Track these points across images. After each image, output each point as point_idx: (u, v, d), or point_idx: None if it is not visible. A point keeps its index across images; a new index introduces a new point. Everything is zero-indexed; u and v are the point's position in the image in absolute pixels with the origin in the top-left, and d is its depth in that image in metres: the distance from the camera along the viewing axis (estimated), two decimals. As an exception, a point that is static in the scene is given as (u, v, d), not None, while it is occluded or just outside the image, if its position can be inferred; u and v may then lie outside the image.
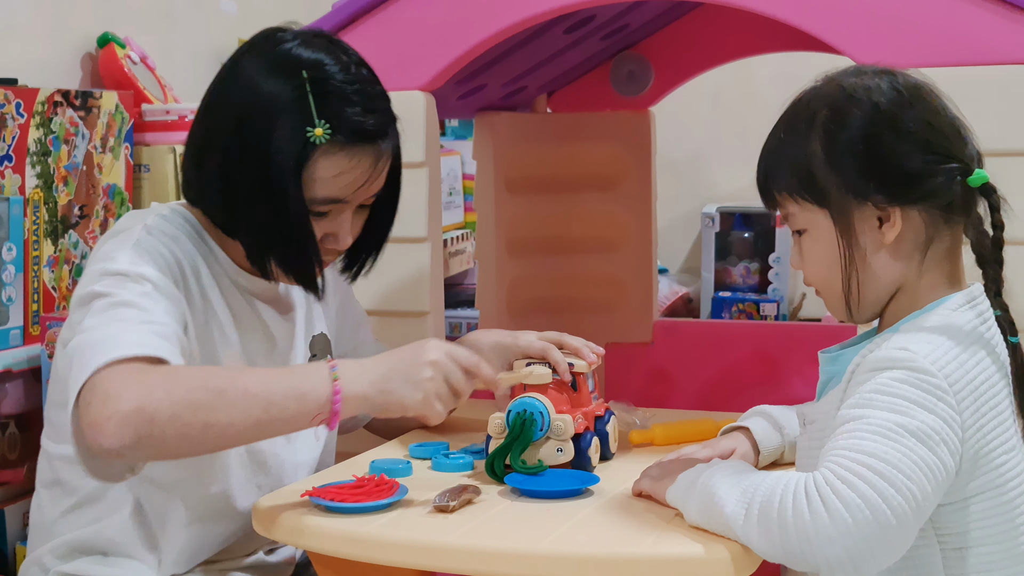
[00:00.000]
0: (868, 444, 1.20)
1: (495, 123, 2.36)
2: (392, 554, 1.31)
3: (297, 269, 1.56)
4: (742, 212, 3.51)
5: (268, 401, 1.35)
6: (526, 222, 2.42)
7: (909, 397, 1.23)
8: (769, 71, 3.34)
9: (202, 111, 1.58)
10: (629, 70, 2.51)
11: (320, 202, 1.52)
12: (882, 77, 1.33)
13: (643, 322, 2.50)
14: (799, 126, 1.35)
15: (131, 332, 1.37)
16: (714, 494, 1.27)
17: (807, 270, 1.39)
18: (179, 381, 1.34)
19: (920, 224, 1.32)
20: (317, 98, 1.49)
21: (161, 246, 1.51)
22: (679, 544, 1.25)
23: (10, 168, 1.94)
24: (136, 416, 1.29)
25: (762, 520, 1.21)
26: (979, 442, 1.26)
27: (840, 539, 1.17)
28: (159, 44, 2.57)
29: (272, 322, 1.65)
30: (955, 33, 1.67)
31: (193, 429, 1.32)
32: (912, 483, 1.18)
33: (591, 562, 1.24)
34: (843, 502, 1.17)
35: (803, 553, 1.19)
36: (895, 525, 1.17)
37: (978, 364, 1.28)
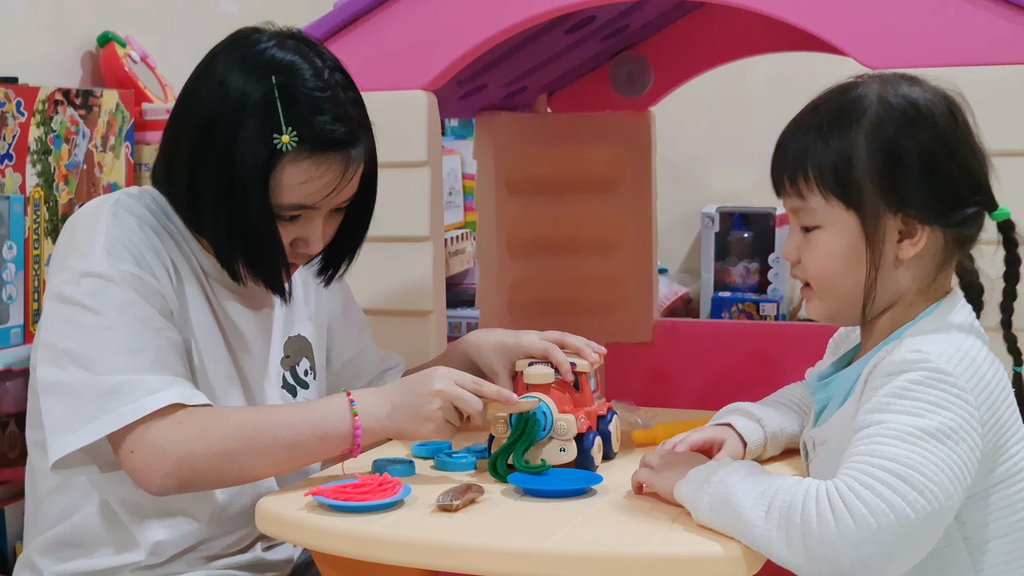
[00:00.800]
0: (889, 449, 1.21)
1: (496, 123, 2.36)
2: (396, 553, 1.31)
3: (263, 273, 1.55)
4: (741, 212, 3.52)
5: (295, 444, 1.46)
6: (527, 222, 2.42)
7: (926, 398, 1.23)
8: (765, 73, 3.35)
9: (175, 109, 1.57)
10: (629, 71, 2.51)
11: (288, 208, 1.52)
12: (937, 94, 1.32)
13: (643, 322, 2.50)
14: (846, 121, 1.32)
15: (142, 378, 1.43)
16: (730, 494, 1.26)
17: (812, 265, 1.36)
18: (213, 431, 1.44)
19: (940, 246, 1.32)
20: (285, 104, 1.48)
21: (130, 232, 1.52)
22: (684, 543, 1.26)
23: (11, 167, 1.94)
24: (178, 469, 1.43)
25: (783, 525, 1.21)
26: (996, 434, 1.27)
27: (865, 544, 1.18)
28: (160, 43, 2.56)
29: (242, 318, 1.63)
30: (956, 33, 1.67)
31: (228, 475, 1.47)
32: (934, 485, 1.19)
33: (595, 561, 1.24)
34: (868, 507, 1.18)
35: (827, 559, 1.19)
36: (919, 528, 1.18)
37: (986, 358, 1.28)
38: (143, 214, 1.55)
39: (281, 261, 1.55)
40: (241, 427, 1.45)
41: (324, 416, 1.47)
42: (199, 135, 1.51)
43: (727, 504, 1.26)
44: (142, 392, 1.42)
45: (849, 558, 1.18)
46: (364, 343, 1.84)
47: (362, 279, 1.93)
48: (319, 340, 1.77)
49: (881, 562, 1.19)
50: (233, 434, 1.44)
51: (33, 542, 1.60)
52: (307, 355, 1.74)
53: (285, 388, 1.69)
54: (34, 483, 1.60)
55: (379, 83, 1.92)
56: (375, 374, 1.83)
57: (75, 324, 1.45)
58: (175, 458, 1.42)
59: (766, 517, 1.23)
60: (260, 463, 1.46)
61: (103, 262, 1.47)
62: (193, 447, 1.42)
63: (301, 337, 1.73)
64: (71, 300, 1.46)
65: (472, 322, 3.03)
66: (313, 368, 1.74)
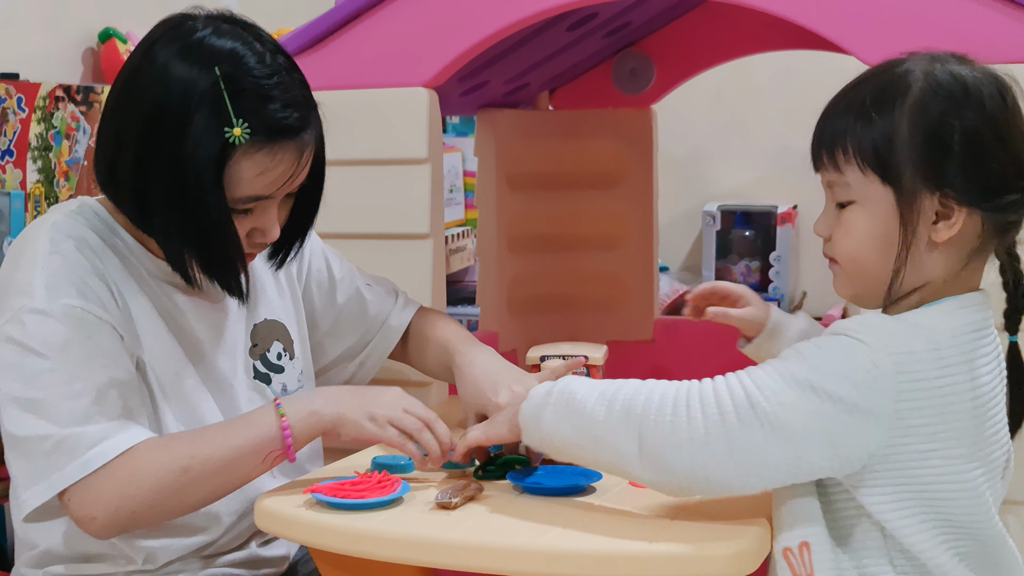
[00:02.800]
0: (763, 378, 1.23)
1: (497, 120, 2.36)
2: (394, 550, 1.31)
3: (220, 272, 1.51)
4: (743, 210, 3.51)
5: (230, 462, 1.46)
6: (527, 219, 2.41)
7: (842, 366, 1.22)
8: (770, 69, 3.34)
9: (112, 106, 1.50)
10: (631, 67, 2.51)
11: (244, 200, 1.47)
12: (986, 73, 1.28)
13: (644, 320, 2.50)
14: (891, 95, 1.28)
15: (86, 428, 1.42)
16: (572, 396, 1.29)
17: (841, 242, 1.32)
18: (143, 472, 1.43)
19: (977, 231, 1.27)
20: (233, 96, 1.42)
21: (69, 260, 1.47)
22: (682, 541, 1.25)
23: (11, 163, 1.94)
24: (114, 516, 1.43)
25: (624, 418, 1.25)
26: (912, 438, 1.22)
27: (690, 445, 1.22)
28: (161, 39, 2.56)
29: (197, 316, 1.60)
30: (960, 32, 1.66)
31: (170, 506, 1.46)
32: (779, 422, 1.20)
33: (593, 559, 1.24)
34: (704, 412, 1.21)
35: (657, 456, 1.23)
36: (746, 451, 1.20)
37: (945, 368, 1.24)
38: (81, 234, 1.51)
39: (239, 258, 1.51)
40: (174, 455, 1.44)
41: (253, 425, 1.47)
42: (143, 133, 1.45)
43: (569, 406, 1.29)
44: (84, 446, 1.42)
45: (677, 456, 1.22)
46: (348, 291, 1.81)
47: (363, 276, 1.93)
48: (296, 313, 1.74)
49: (708, 471, 1.22)
50: (166, 465, 1.43)
51: (23, 556, 1.59)
52: (279, 337, 1.70)
53: (257, 378, 1.66)
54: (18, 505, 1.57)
55: (380, 80, 1.92)
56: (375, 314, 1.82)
57: (19, 368, 1.43)
58: (108, 507, 1.42)
59: (607, 411, 1.26)
60: (200, 489, 1.45)
61: (43, 298, 1.44)
62: (125, 491, 1.42)
63: (269, 321, 1.69)
64: (14, 340, 1.43)
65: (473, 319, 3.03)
66: (289, 349, 1.71)
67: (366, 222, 1.92)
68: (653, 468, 1.25)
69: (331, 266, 1.81)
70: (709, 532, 1.27)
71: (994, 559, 1.29)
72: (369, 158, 1.68)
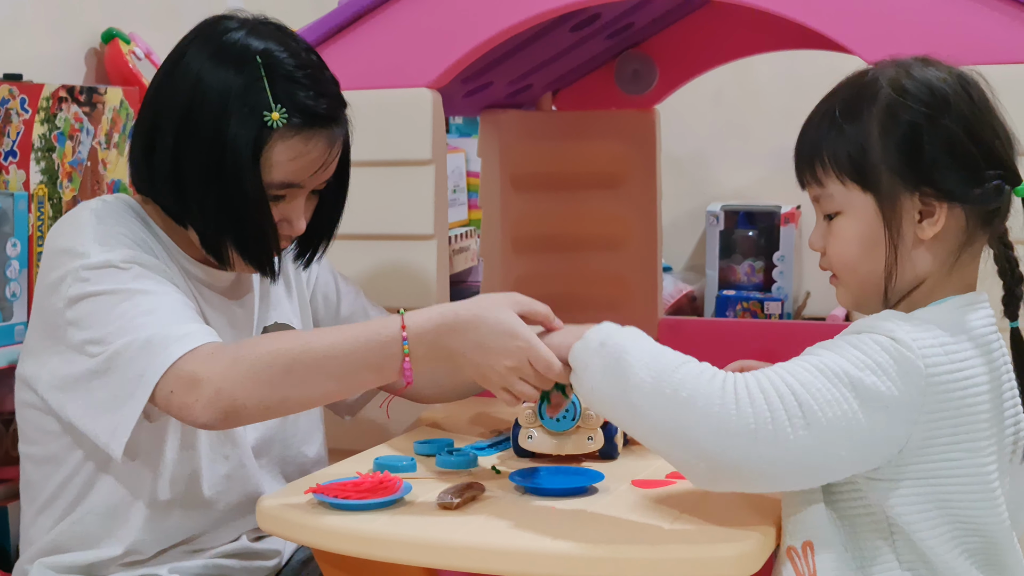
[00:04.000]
0: (804, 375, 1.23)
1: (500, 121, 2.36)
2: (397, 551, 1.31)
3: (255, 254, 1.55)
4: (746, 210, 3.51)
5: (339, 375, 1.40)
6: (531, 219, 2.42)
7: (877, 359, 1.23)
8: (771, 70, 3.34)
9: (148, 103, 1.57)
10: (634, 69, 2.51)
11: (276, 186, 1.53)
12: (951, 73, 1.31)
13: (648, 320, 2.50)
14: (858, 105, 1.31)
15: (170, 327, 1.41)
16: (623, 355, 1.28)
17: (834, 252, 1.35)
18: (245, 358, 1.39)
19: (961, 225, 1.30)
20: (271, 82, 1.49)
21: (117, 226, 1.52)
22: (686, 543, 1.25)
23: (15, 164, 1.94)
24: (219, 398, 1.37)
25: (670, 394, 1.23)
26: (936, 430, 1.24)
27: (734, 438, 1.21)
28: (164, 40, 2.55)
29: (218, 314, 1.62)
30: (962, 32, 1.66)
31: (272, 401, 1.40)
32: (828, 423, 1.20)
33: (596, 561, 1.24)
34: (753, 407, 1.20)
35: (694, 440, 1.22)
36: (792, 453, 1.20)
37: (967, 360, 1.26)
38: (120, 215, 1.55)
39: (273, 237, 1.55)
40: (277, 354, 1.39)
41: (377, 347, 1.39)
42: (182, 125, 1.51)
43: (617, 365, 1.28)
44: (171, 340, 1.40)
45: (716, 444, 1.21)
46: (353, 306, 1.83)
47: (367, 276, 1.93)
48: (304, 319, 1.77)
49: (743, 466, 1.21)
50: (268, 361, 1.39)
51: (27, 552, 1.59)
52: None
53: None
54: (29, 498, 1.60)
55: (384, 81, 1.92)
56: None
57: (91, 312, 1.44)
58: (212, 386, 1.37)
59: (654, 384, 1.25)
60: (301, 389, 1.40)
61: (99, 253, 1.47)
62: (228, 373, 1.38)
63: (279, 324, 1.72)
64: (79, 296, 1.45)
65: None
66: None
67: (370, 223, 1.92)
68: (688, 450, 1.24)
69: (338, 281, 1.84)
70: (713, 533, 1.27)
71: (999, 556, 1.30)
72: (373, 159, 1.69)
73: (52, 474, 1.55)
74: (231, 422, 1.42)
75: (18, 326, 1.90)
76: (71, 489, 1.55)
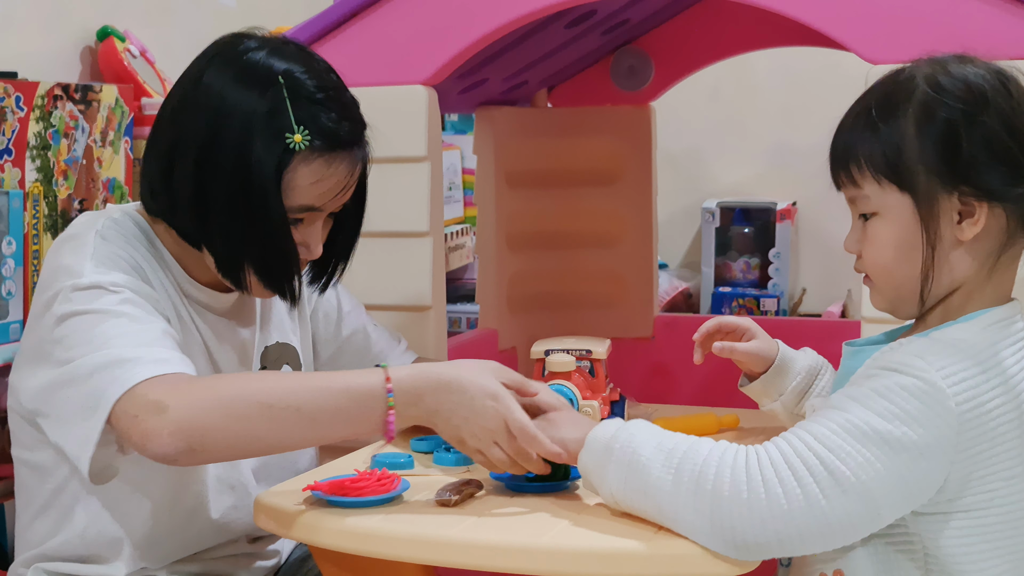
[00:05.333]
0: (833, 438, 1.19)
1: (496, 117, 2.36)
2: (394, 548, 1.31)
3: (277, 278, 1.52)
4: (742, 207, 3.51)
5: (315, 421, 1.35)
6: (526, 217, 2.41)
7: (906, 408, 1.20)
8: (768, 66, 3.34)
9: (166, 125, 1.53)
10: (630, 65, 2.51)
11: (296, 210, 1.50)
12: (989, 69, 1.28)
13: (644, 317, 2.50)
14: (895, 103, 1.28)
15: (146, 349, 1.37)
16: (636, 455, 1.25)
17: (869, 256, 1.32)
18: (225, 391, 1.34)
19: (1002, 227, 1.27)
20: (294, 104, 1.47)
21: (119, 249, 1.49)
22: (683, 539, 1.25)
23: (10, 162, 1.93)
24: (189, 426, 1.31)
25: (693, 489, 1.20)
26: (972, 465, 1.22)
27: (772, 522, 1.17)
28: (159, 38, 2.56)
29: (219, 338, 1.60)
30: (959, 28, 1.66)
31: (241, 441, 1.35)
32: (862, 487, 1.17)
33: (594, 557, 1.24)
34: (783, 486, 1.18)
35: (732, 528, 1.19)
36: (832, 522, 1.17)
37: (993, 389, 1.23)
38: (126, 237, 1.53)
39: (295, 262, 1.53)
40: (256, 390, 1.35)
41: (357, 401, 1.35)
42: (203, 148, 1.47)
43: (632, 469, 1.24)
44: (142, 362, 1.35)
45: (755, 531, 1.18)
46: (354, 325, 1.82)
47: (362, 275, 1.93)
48: (304, 337, 1.76)
49: (787, 543, 1.18)
50: (246, 396, 1.33)
51: (22, 555, 1.58)
52: (289, 360, 1.71)
53: None
54: (24, 502, 1.58)
55: (379, 78, 1.91)
56: (378, 352, 1.81)
57: (73, 331, 1.41)
58: (180, 414, 1.31)
59: (675, 481, 1.21)
60: (275, 431, 1.34)
61: (93, 274, 1.44)
62: (200, 404, 1.32)
63: (280, 344, 1.70)
64: (64, 315, 1.42)
65: (472, 317, 3.03)
66: (297, 372, 1.71)
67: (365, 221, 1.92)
68: (726, 541, 1.20)
69: (341, 298, 1.82)
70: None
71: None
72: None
73: (45, 481, 1.54)
74: (193, 458, 1.34)
75: (13, 324, 1.90)
76: (64, 499, 1.53)
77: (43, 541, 1.55)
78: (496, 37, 1.91)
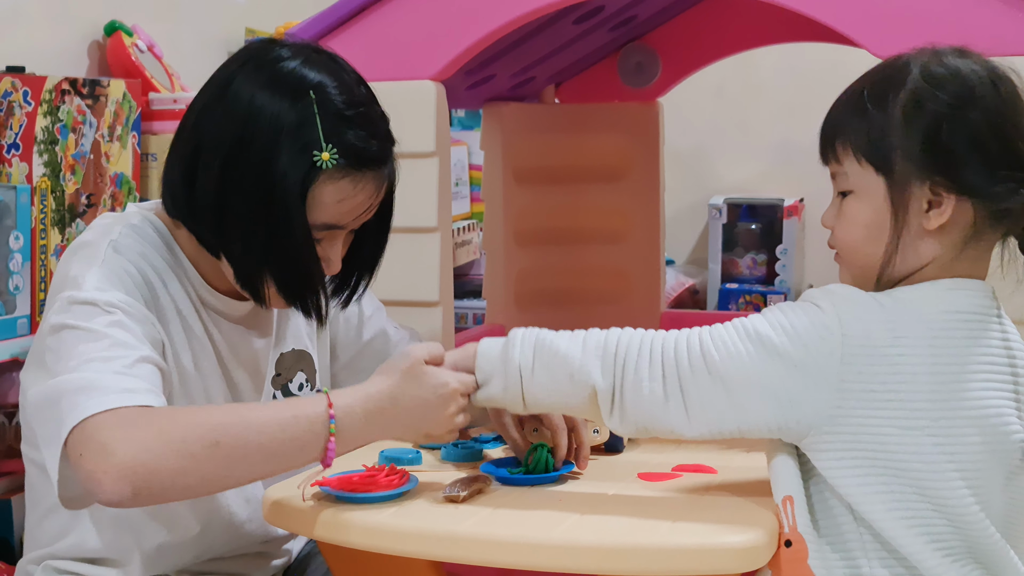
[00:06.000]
0: (720, 331, 1.31)
1: (503, 113, 2.36)
2: (403, 544, 1.31)
3: (298, 294, 1.50)
4: (749, 204, 3.50)
5: (265, 453, 1.33)
6: (533, 213, 2.41)
7: (794, 323, 1.28)
8: (774, 62, 3.34)
9: (191, 128, 1.50)
10: (637, 61, 2.50)
11: (319, 228, 1.47)
12: (984, 66, 1.31)
13: (650, 313, 2.50)
14: (887, 89, 1.32)
15: (114, 377, 1.33)
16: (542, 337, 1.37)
17: (840, 230, 1.37)
18: (172, 431, 1.30)
19: (968, 221, 1.30)
20: (323, 121, 1.44)
21: (128, 264, 1.47)
22: (691, 534, 1.25)
23: (17, 156, 1.93)
24: (132, 471, 1.26)
25: (600, 353, 1.33)
26: (862, 401, 1.26)
27: (650, 383, 1.30)
28: (167, 32, 2.56)
29: (234, 346, 1.59)
30: (967, 22, 1.66)
31: (191, 481, 1.31)
32: (726, 372, 1.27)
33: (602, 552, 1.24)
34: (664, 357, 1.30)
35: (622, 391, 1.31)
36: (692, 396, 1.29)
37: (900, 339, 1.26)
38: (142, 247, 1.51)
39: (319, 279, 1.50)
40: (205, 427, 1.31)
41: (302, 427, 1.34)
42: (229, 158, 1.45)
43: (540, 345, 1.36)
44: (109, 390, 1.31)
45: (634, 397, 1.30)
46: (375, 328, 1.80)
47: (369, 270, 1.93)
48: (321, 343, 1.74)
49: (658, 413, 1.30)
50: (195, 434, 1.30)
51: (32, 553, 1.58)
52: (304, 367, 1.69)
53: None
54: (33, 501, 1.57)
55: (387, 73, 1.91)
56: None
57: (60, 344, 1.39)
58: (124, 458, 1.26)
59: (583, 347, 1.34)
60: (226, 468, 1.32)
61: (93, 290, 1.41)
62: (148, 445, 1.27)
63: (295, 351, 1.69)
64: (58, 326, 1.41)
65: (479, 313, 3.03)
66: (312, 379, 1.70)
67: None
68: (616, 406, 1.32)
69: (363, 302, 1.77)
70: (721, 526, 1.27)
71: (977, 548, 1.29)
72: (376, 152, 1.69)
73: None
74: (139, 501, 1.28)
75: (20, 319, 1.90)
76: None
77: (53, 541, 1.55)
78: (504, 33, 1.91)
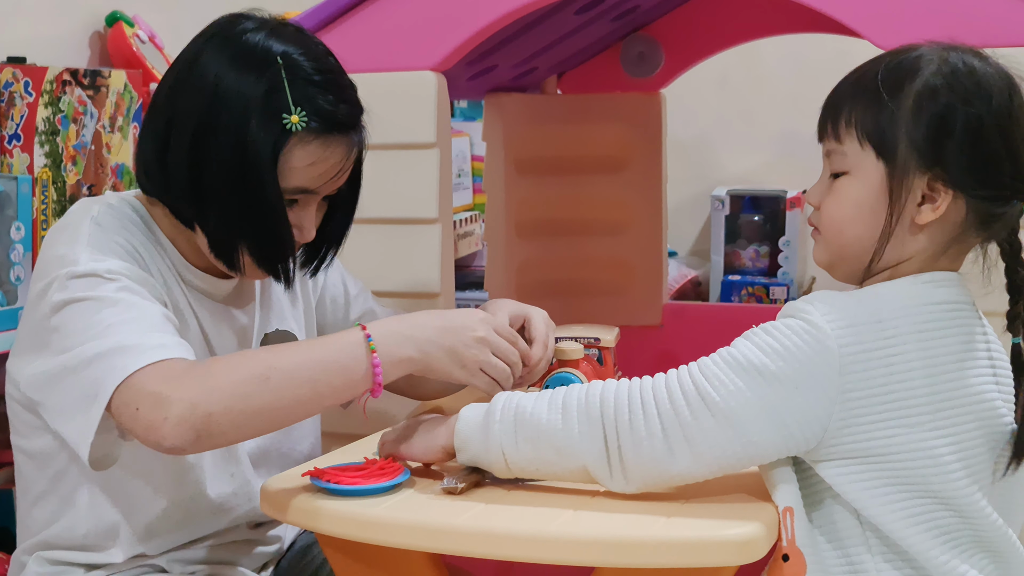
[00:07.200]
0: (711, 367, 1.27)
1: (505, 104, 2.36)
2: (401, 536, 1.30)
3: (271, 260, 1.53)
4: (752, 195, 3.50)
5: (313, 380, 1.38)
6: (535, 204, 2.41)
7: (785, 344, 1.25)
8: (777, 53, 3.33)
9: (162, 103, 1.52)
10: (639, 51, 2.50)
11: (290, 192, 1.50)
12: (1001, 72, 1.31)
13: (652, 305, 2.50)
14: (902, 76, 1.31)
15: (144, 335, 1.36)
16: (521, 409, 1.32)
17: (828, 208, 1.36)
18: (222, 373, 1.34)
19: (959, 219, 1.30)
20: (292, 85, 1.46)
21: (114, 235, 1.49)
22: (691, 527, 1.25)
23: (19, 147, 1.93)
24: (192, 414, 1.30)
25: (584, 418, 1.28)
26: (860, 408, 1.25)
27: (649, 440, 1.26)
28: (168, 23, 2.56)
29: (217, 323, 1.60)
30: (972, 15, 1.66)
31: (246, 417, 1.34)
32: (730, 411, 1.23)
33: (601, 545, 1.24)
34: (658, 407, 1.26)
35: (619, 449, 1.27)
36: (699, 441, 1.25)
37: (891, 338, 1.25)
38: (122, 223, 1.52)
39: (290, 244, 1.53)
40: (251, 365, 1.36)
41: (340, 350, 1.40)
42: (200, 129, 1.47)
43: (519, 420, 1.31)
44: (140, 349, 1.34)
45: (634, 451, 1.26)
46: (361, 307, 1.81)
47: (371, 262, 1.93)
48: (308, 325, 1.75)
49: (662, 463, 1.26)
50: (243, 374, 1.34)
51: (24, 543, 1.58)
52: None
53: None
54: (23, 489, 1.58)
55: (388, 64, 1.91)
56: None
57: (71, 319, 1.40)
58: (184, 403, 1.29)
59: (564, 416, 1.29)
60: (279, 400, 1.35)
61: (89, 262, 1.43)
62: (201, 387, 1.31)
63: (279, 331, 1.70)
64: (61, 303, 1.41)
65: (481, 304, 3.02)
66: None
67: (374, 207, 1.91)
68: (614, 466, 1.28)
69: (347, 283, 1.82)
70: (719, 519, 1.26)
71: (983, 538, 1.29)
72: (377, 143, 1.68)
73: (43, 468, 1.53)
74: (201, 445, 1.33)
75: (22, 310, 1.90)
76: (62, 486, 1.53)
77: (43, 528, 1.55)
78: (506, 23, 1.91)
